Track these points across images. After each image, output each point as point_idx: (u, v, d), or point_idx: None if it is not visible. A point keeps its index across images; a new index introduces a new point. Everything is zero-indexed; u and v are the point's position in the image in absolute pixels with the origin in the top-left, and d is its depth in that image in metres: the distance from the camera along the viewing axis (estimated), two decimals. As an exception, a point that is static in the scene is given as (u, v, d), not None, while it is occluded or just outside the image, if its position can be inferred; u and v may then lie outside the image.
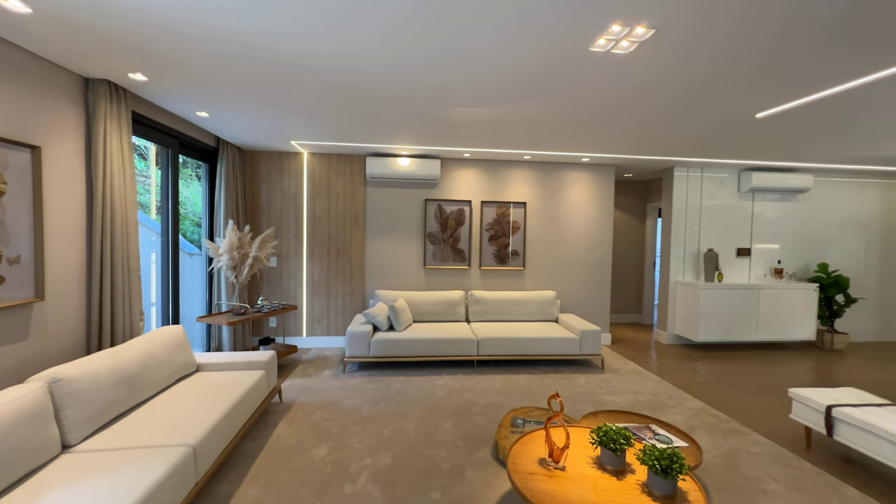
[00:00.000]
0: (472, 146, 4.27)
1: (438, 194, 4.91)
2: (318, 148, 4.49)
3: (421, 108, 3.06)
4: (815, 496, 2.21)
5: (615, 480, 1.82)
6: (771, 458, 2.59)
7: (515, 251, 5.04)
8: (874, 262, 5.71)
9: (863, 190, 5.63)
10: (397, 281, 4.91)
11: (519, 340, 4.15)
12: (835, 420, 2.53)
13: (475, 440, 2.74)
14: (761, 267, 5.50)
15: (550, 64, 2.24)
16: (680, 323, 5.26)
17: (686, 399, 3.50)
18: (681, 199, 5.30)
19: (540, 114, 3.10)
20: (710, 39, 1.94)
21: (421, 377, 3.89)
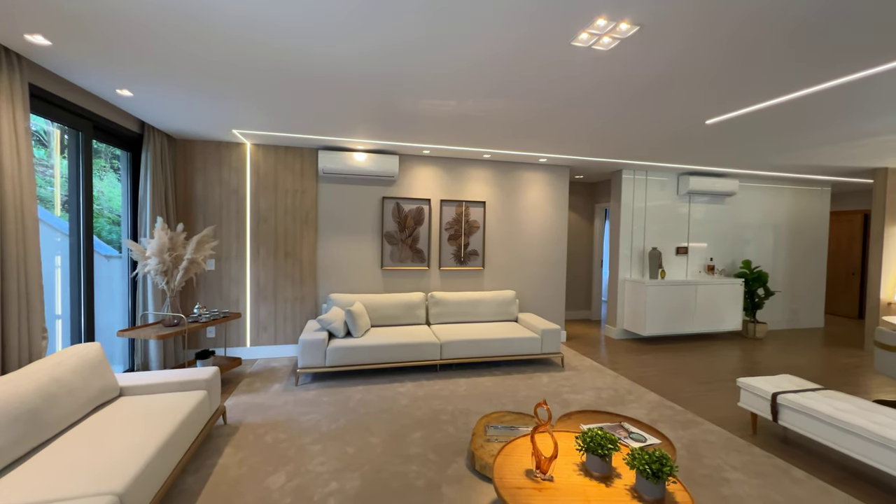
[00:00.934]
0: (434, 143, 4.12)
1: (396, 192, 4.70)
2: (265, 139, 4.07)
3: (386, 99, 2.84)
4: (771, 480, 2.35)
5: (604, 487, 1.77)
6: (726, 446, 2.74)
7: (475, 251, 4.97)
8: (783, 259, 6.42)
9: (776, 195, 6.31)
10: (353, 283, 4.62)
11: (482, 342, 4.07)
12: (780, 406, 2.73)
13: (448, 451, 2.60)
14: (696, 264, 5.96)
15: (531, 57, 2.15)
16: (628, 318, 5.53)
17: (643, 393, 3.64)
18: (628, 200, 5.56)
19: (508, 110, 3.03)
20: (685, 40, 1.97)
21: (382, 385, 3.66)
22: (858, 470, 2.48)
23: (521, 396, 3.49)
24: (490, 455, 2.35)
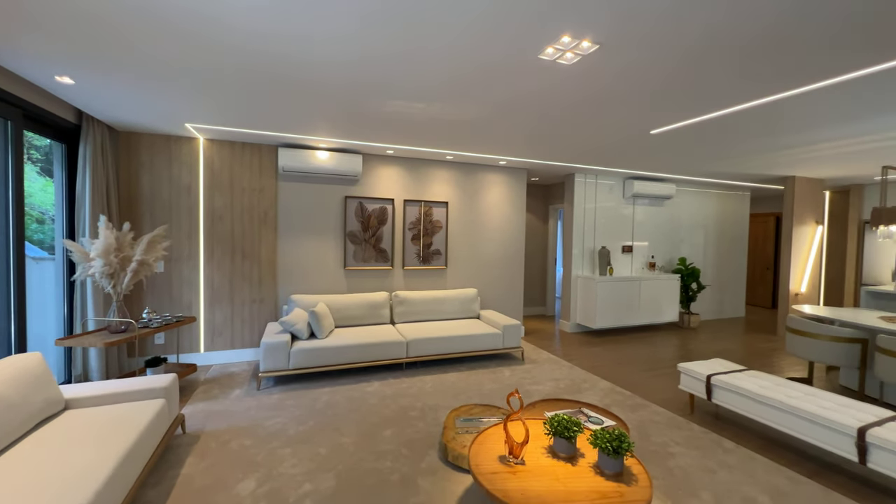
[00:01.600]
0: (399, 143, 4.15)
1: (360, 191, 4.67)
2: (220, 134, 3.88)
3: (355, 100, 2.85)
4: (707, 452, 2.66)
5: (570, 466, 1.93)
6: (669, 425, 3.05)
7: (438, 250, 5.06)
8: (711, 256, 7.15)
9: (705, 199, 7.00)
10: (315, 284, 4.53)
11: (447, 339, 4.18)
12: (713, 386, 3.09)
13: (419, 446, 2.67)
14: (640, 262, 6.47)
15: (501, 66, 2.27)
16: (581, 313, 5.89)
17: (597, 381, 3.93)
18: (580, 202, 5.92)
19: (475, 114, 3.15)
20: (638, 59, 2.18)
21: (349, 386, 3.65)
22: (776, 438, 2.88)
23: (486, 390, 3.64)
24: (462, 446, 2.45)
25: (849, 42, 1.94)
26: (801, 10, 1.68)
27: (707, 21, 1.79)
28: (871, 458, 2.22)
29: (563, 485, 1.78)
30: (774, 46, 2.00)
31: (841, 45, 1.96)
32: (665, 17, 1.77)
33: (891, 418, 2.37)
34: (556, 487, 1.76)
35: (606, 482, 1.81)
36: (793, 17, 1.74)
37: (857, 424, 2.30)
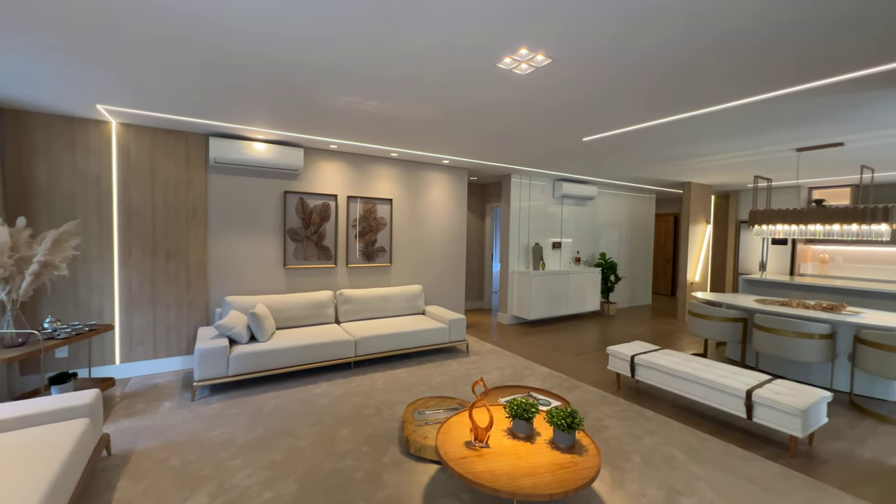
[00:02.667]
0: (344, 138, 4.06)
1: (301, 186, 4.47)
2: (139, 119, 3.46)
3: (305, 91, 2.75)
4: (633, 422, 3.06)
5: (530, 445, 2.12)
6: (601, 401, 3.43)
7: (382, 247, 5.04)
8: (624, 251, 8.04)
9: (620, 200, 7.85)
10: (253, 284, 4.25)
11: (395, 336, 4.20)
12: (636, 365, 3.54)
13: (379, 442, 2.69)
14: (567, 257, 7.06)
15: (461, 71, 2.37)
16: (517, 305, 6.27)
17: (536, 367, 4.25)
18: (516, 201, 6.29)
19: (429, 115, 3.21)
20: (582, 75, 2.43)
21: (296, 389, 3.51)
22: (685, 404, 3.39)
23: (436, 383, 3.74)
24: (424, 437, 2.53)
25: (740, 76, 2.36)
26: (711, 46, 2.02)
27: (640, 51, 2.06)
28: (756, 414, 2.75)
29: (525, 461, 1.95)
30: (686, 74, 2.36)
31: (735, 77, 2.38)
32: (609, 42, 2.00)
33: (768, 381, 2.94)
34: (520, 464, 1.93)
35: (562, 455, 2.02)
36: (703, 52, 2.08)
37: (745, 387, 2.82)
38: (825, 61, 2.16)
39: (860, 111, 2.95)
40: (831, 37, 1.90)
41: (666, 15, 1.75)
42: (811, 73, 2.33)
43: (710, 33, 1.89)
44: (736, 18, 1.77)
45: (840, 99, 2.71)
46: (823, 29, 1.83)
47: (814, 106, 2.86)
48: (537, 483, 1.78)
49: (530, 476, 1.83)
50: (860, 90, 2.55)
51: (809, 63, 2.19)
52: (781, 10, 1.70)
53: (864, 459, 2.61)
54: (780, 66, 2.23)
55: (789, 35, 1.89)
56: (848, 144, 3.92)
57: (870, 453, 2.69)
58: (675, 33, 1.90)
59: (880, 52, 2.04)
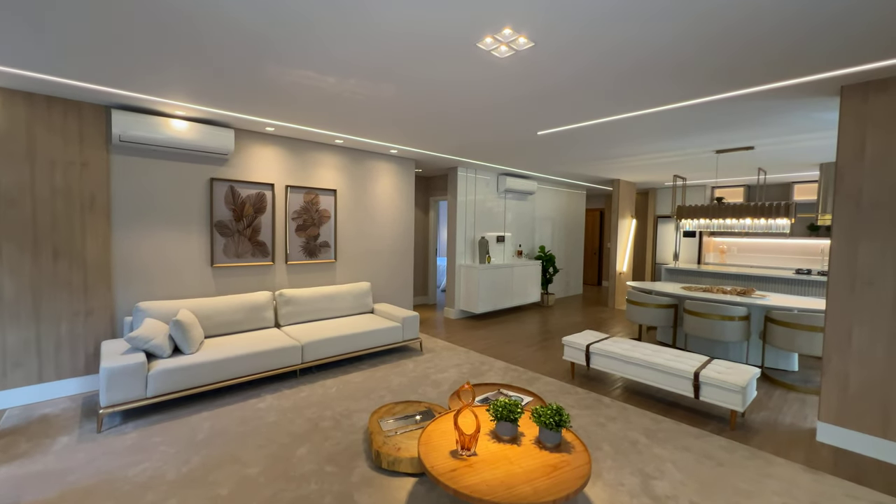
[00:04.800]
0: (285, 120, 3.61)
1: (231, 173, 3.90)
2: (11, 80, 2.70)
3: (249, 60, 2.34)
4: (594, 410, 3.15)
5: (517, 447, 2.02)
6: (561, 391, 3.49)
7: (326, 242, 4.64)
8: (559, 244, 8.44)
9: (556, 195, 8.21)
10: (172, 287, 3.62)
11: (347, 338, 3.88)
12: (591, 354, 3.66)
13: (344, 458, 2.42)
14: (510, 250, 7.19)
15: (439, 47, 2.17)
16: (464, 299, 6.23)
17: (493, 362, 4.22)
18: (462, 194, 6.22)
19: (388, 95, 2.95)
20: (555, 65, 2.37)
21: (234, 406, 3.06)
22: (637, 388, 3.59)
23: (395, 385, 3.52)
24: (397, 449, 2.32)
25: (680, 80, 2.49)
26: (661, 49, 2.08)
27: (609, 45, 2.05)
28: (702, 393, 2.98)
29: (518, 466, 1.85)
30: (643, 73, 2.43)
31: (677, 81, 2.51)
32: (588, 31, 1.95)
33: (708, 362, 3.21)
34: (514, 471, 1.82)
35: (552, 455, 1.96)
36: (654, 53, 2.13)
37: (692, 369, 3.05)
38: (744, 73, 2.35)
39: (769, 118, 3.32)
40: (747, 54, 2.06)
41: (637, 14, 1.74)
42: (732, 84, 2.55)
43: (661, 37, 1.93)
44: (682, 28, 1.82)
45: (754, 107, 3.02)
46: (738, 48, 1.97)
47: (734, 113, 3.17)
48: (537, 489, 1.69)
49: (528, 482, 1.74)
50: (769, 100, 2.85)
51: (729, 75, 2.37)
52: (708, 30, 1.78)
53: (786, 425, 2.97)
54: (710, 75, 2.39)
55: (718, 47, 2.01)
56: (757, 148, 4.45)
57: (788, 419, 3.06)
58: (640, 32, 1.91)
59: (782, 71, 2.26)
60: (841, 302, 2.68)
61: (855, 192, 2.61)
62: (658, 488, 2.19)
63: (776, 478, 2.31)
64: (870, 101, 2.53)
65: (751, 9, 1.75)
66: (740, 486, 2.23)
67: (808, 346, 3.57)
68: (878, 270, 2.54)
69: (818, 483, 2.28)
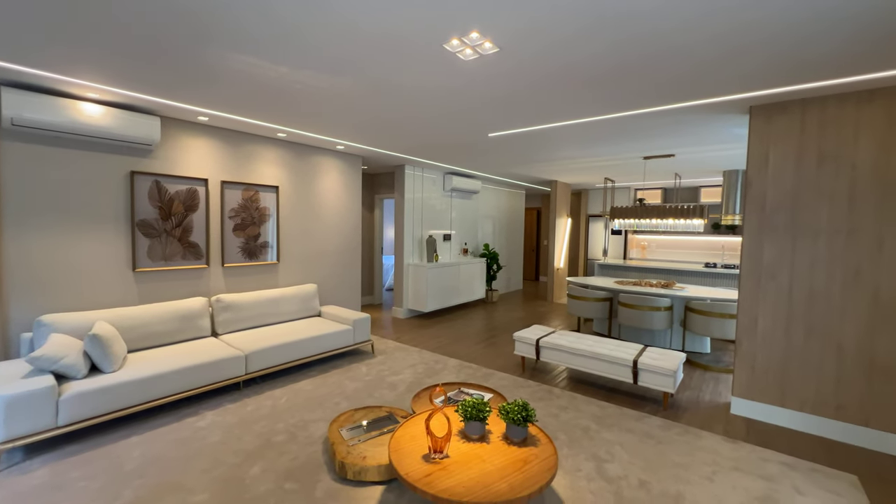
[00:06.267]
0: (221, 109, 3.29)
1: (156, 166, 3.47)
2: None
3: (187, 40, 2.09)
4: (547, 402, 3.32)
5: (486, 445, 2.07)
6: (515, 385, 3.63)
7: (267, 243, 4.33)
8: (500, 241, 8.75)
9: (498, 195, 8.47)
10: (84, 296, 3.14)
11: (295, 344, 3.67)
12: (541, 347, 3.85)
13: (305, 472, 2.29)
14: (456, 248, 7.29)
15: (404, 44, 2.11)
16: (412, 298, 6.20)
17: (447, 360, 4.26)
18: (409, 192, 6.17)
19: (343, 89, 2.82)
20: (519, 71, 2.44)
21: (168, 428, 2.74)
22: (582, 377, 3.84)
23: (350, 391, 3.41)
24: (363, 458, 2.25)
25: (628, 92, 2.72)
26: (605, 70, 2.25)
27: (572, 58, 2.16)
28: (641, 378, 3.28)
29: (490, 464, 1.90)
30: (587, 88, 2.60)
31: (627, 93, 2.73)
32: (551, 44, 2.04)
33: (644, 349, 3.54)
34: (488, 469, 1.86)
35: (520, 449, 2.03)
36: (601, 71, 2.30)
37: (631, 357, 3.33)
38: (670, 92, 2.64)
39: (690, 130, 3.74)
40: (673, 77, 2.32)
41: (591, 39, 1.86)
42: (660, 100, 2.85)
43: (606, 60, 2.10)
44: (622, 54, 1.99)
45: (678, 120, 3.38)
46: (667, 73, 2.22)
47: (661, 124, 3.52)
48: (512, 485, 1.74)
49: (502, 479, 1.78)
50: (691, 114, 3.22)
51: (657, 93, 2.64)
52: (642, 56, 1.98)
53: (706, 402, 3.37)
54: (644, 91, 2.64)
55: (651, 70, 2.24)
56: (678, 156, 4.98)
57: (708, 396, 3.49)
58: (590, 55, 2.05)
59: (702, 91, 2.59)
60: (750, 293, 3.10)
61: (761, 198, 3.03)
62: (611, 470, 2.37)
63: (704, 449, 2.62)
64: (772, 120, 2.96)
65: (677, 43, 1.95)
66: (677, 460, 2.49)
67: (719, 331, 4.09)
68: (778, 266, 2.98)
69: (736, 450, 2.62)
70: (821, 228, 2.81)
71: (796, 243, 2.90)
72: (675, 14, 1.77)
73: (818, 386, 2.85)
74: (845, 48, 2.06)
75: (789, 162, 2.91)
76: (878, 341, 2.65)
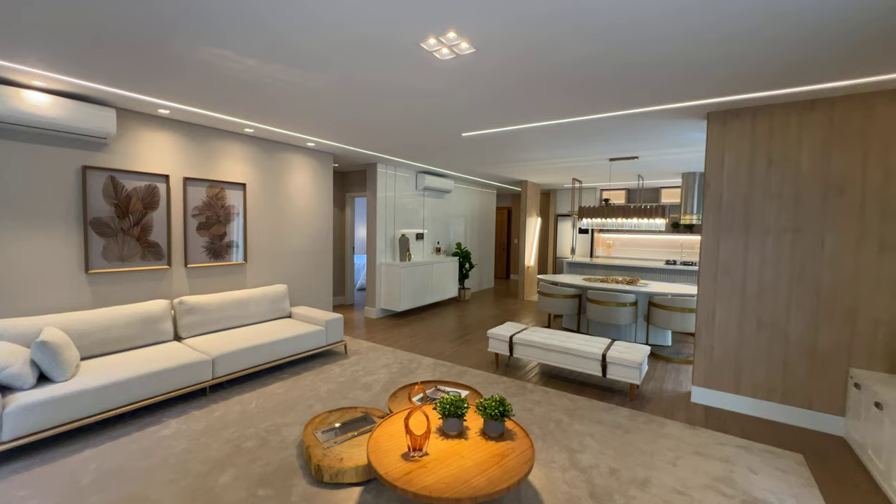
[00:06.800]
0: (185, 102, 3.14)
1: (112, 161, 3.27)
2: None
3: (150, 28, 1.98)
4: (521, 396, 3.39)
5: (465, 441, 2.09)
6: (488, 381, 3.68)
7: (234, 242, 4.17)
8: (472, 240, 8.84)
9: (471, 194, 8.55)
10: (29, 300, 2.91)
11: (266, 346, 3.56)
12: (514, 344, 3.93)
13: (279, 478, 2.23)
14: (429, 247, 7.29)
15: (380, 42, 2.10)
16: (385, 298, 6.15)
17: (421, 359, 4.26)
18: (382, 191, 6.11)
19: (318, 86, 2.76)
20: (491, 73, 2.48)
21: (128, 439, 2.60)
22: (553, 372, 3.95)
23: (324, 393, 3.35)
24: (339, 460, 2.22)
25: (596, 95, 2.83)
26: (579, 74, 2.34)
27: (553, 61, 2.23)
28: (609, 371, 3.41)
29: (469, 460, 1.92)
30: (562, 91, 2.69)
31: (598, 96, 2.84)
32: (526, 48, 2.09)
33: (612, 344, 3.68)
34: (467, 464, 1.89)
35: (498, 444, 2.07)
36: (575, 76, 2.39)
37: (600, 351, 3.47)
38: (636, 97, 2.78)
39: (653, 134, 3.93)
40: (638, 84, 2.45)
41: (569, 42, 1.93)
42: (627, 104, 2.99)
43: (579, 67, 2.18)
44: (595, 62, 2.09)
45: (641, 124, 3.55)
46: (633, 80, 2.35)
47: (626, 127, 3.68)
48: (491, 479, 1.78)
49: (481, 474, 1.82)
50: (653, 119, 3.39)
51: (627, 97, 2.78)
52: (611, 65, 2.09)
53: (669, 392, 3.56)
54: (612, 95, 2.77)
55: (619, 77, 2.35)
56: (641, 158, 5.21)
57: (670, 386, 3.68)
58: (567, 60, 2.12)
59: (664, 98, 2.74)
60: (708, 288, 3.30)
61: (717, 199, 3.23)
62: (583, 460, 2.46)
63: (668, 436, 2.77)
64: (727, 126, 3.15)
65: (644, 55, 2.05)
66: (644, 448, 2.62)
67: (680, 325, 4.32)
68: (733, 263, 3.19)
69: (696, 436, 2.79)
70: (770, 227, 3.04)
71: (749, 241, 3.12)
72: (643, 29, 1.86)
73: (768, 373, 3.08)
74: (789, 63, 2.23)
75: (742, 165, 3.12)
76: (819, 332, 2.89)
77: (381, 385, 3.54)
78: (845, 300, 2.80)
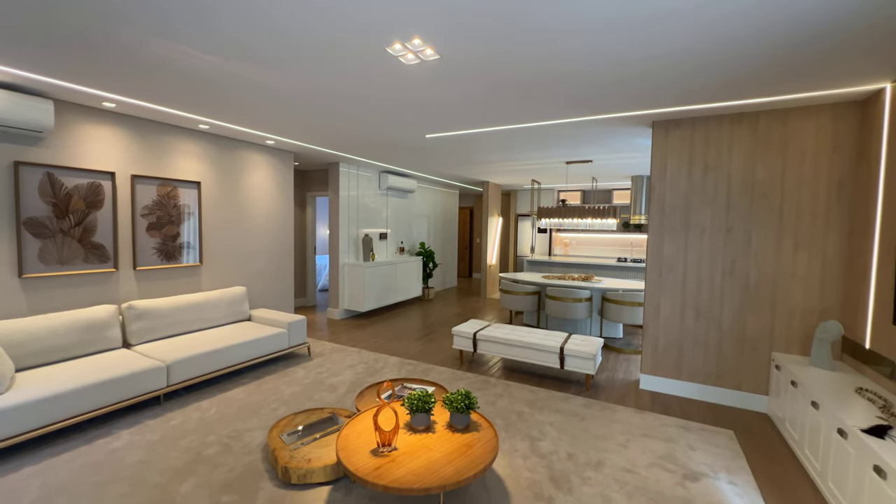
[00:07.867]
0: (132, 96, 2.97)
1: (49, 157, 3.03)
2: None
3: (94, 19, 1.89)
4: (485, 391, 3.51)
5: (432, 435, 2.17)
6: (454, 378, 3.78)
7: (188, 243, 3.99)
8: (435, 240, 8.93)
9: (433, 194, 8.62)
10: (-46, 308, 2.66)
11: (225, 351, 3.45)
12: (478, 340, 4.05)
13: (244, 483, 2.20)
14: (392, 247, 7.30)
15: (347, 43, 2.12)
16: (349, 298, 6.10)
17: (387, 359, 4.29)
18: (344, 190, 6.05)
19: (281, 86, 2.72)
20: (458, 78, 2.56)
21: (74, 453, 2.44)
22: (514, 366, 4.11)
23: (287, 396, 3.30)
24: (307, 461, 2.22)
25: (552, 103, 3.01)
26: (535, 83, 2.50)
27: (512, 73, 2.35)
28: (567, 364, 3.62)
29: (437, 452, 2.00)
30: (519, 98, 2.84)
31: (547, 103, 3.02)
32: (488, 56, 2.19)
33: (569, 337, 3.90)
34: (435, 456, 1.97)
35: (464, 435, 2.16)
36: (531, 85, 2.54)
37: (558, 345, 3.66)
38: (587, 105, 2.99)
39: (604, 139, 4.20)
40: (589, 93, 2.66)
41: (525, 59, 2.07)
42: (580, 112, 3.20)
43: (538, 75, 2.34)
44: (547, 74, 2.25)
45: (594, 130, 3.80)
46: (583, 90, 2.55)
47: (580, 133, 3.92)
48: (458, 468, 1.86)
49: (449, 464, 1.90)
50: (604, 126, 3.64)
51: (581, 104, 2.99)
52: (561, 74, 2.27)
53: (620, 380, 3.83)
54: (566, 103, 2.96)
55: (569, 86, 2.54)
56: (595, 161, 5.52)
57: (621, 375, 3.95)
58: (523, 70, 2.26)
59: (613, 106, 2.98)
60: (654, 283, 3.58)
61: (661, 200, 3.51)
62: (543, 447, 2.62)
63: (619, 421, 2.99)
64: (670, 134, 3.44)
65: (589, 68, 2.23)
66: (598, 433, 2.82)
67: (630, 318, 4.63)
68: (675, 259, 3.48)
69: (644, 420, 3.03)
70: (706, 227, 3.35)
71: (688, 240, 3.42)
72: (585, 46, 2.02)
73: (705, 360, 3.40)
74: (718, 81, 2.49)
75: (682, 170, 3.42)
76: (747, 320, 3.24)
77: (346, 386, 3.54)
78: (768, 291, 3.15)
